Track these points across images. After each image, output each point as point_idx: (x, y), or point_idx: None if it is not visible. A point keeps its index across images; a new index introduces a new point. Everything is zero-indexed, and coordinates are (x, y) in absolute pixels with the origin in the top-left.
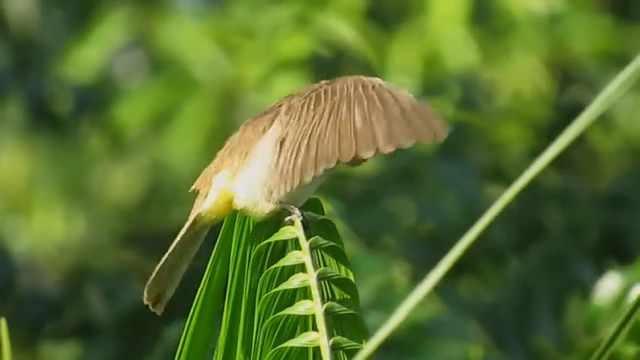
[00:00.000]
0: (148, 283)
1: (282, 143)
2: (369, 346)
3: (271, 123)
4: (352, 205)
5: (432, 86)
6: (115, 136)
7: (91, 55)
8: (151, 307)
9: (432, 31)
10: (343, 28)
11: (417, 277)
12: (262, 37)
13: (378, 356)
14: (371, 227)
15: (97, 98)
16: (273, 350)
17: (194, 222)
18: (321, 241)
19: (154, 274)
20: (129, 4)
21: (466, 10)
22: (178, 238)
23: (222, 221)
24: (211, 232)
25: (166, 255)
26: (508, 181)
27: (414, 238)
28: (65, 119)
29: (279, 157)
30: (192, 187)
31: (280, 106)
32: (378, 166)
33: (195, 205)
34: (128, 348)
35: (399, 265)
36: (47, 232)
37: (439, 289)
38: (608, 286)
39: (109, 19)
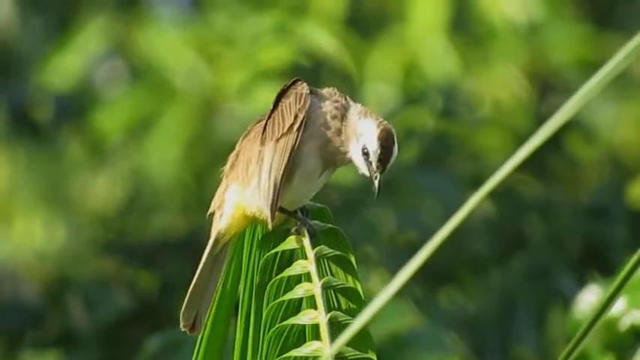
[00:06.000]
0: (182, 309)
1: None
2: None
3: (263, 130)
4: (332, 214)
5: (412, 95)
6: (94, 144)
7: (71, 63)
8: (188, 332)
9: (412, 39)
10: (323, 37)
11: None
12: (242, 46)
13: None
14: (351, 237)
15: (77, 106)
16: (277, 359)
17: (216, 241)
18: (327, 250)
19: (186, 300)
20: (109, 12)
21: (446, 19)
22: (203, 259)
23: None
24: None
25: (195, 279)
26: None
27: (394, 247)
28: (45, 127)
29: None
30: (209, 212)
31: (271, 112)
32: (358, 176)
33: (213, 225)
34: (109, 357)
35: (380, 274)
36: (27, 240)
37: (419, 300)
38: (589, 298)
39: (88, 27)
